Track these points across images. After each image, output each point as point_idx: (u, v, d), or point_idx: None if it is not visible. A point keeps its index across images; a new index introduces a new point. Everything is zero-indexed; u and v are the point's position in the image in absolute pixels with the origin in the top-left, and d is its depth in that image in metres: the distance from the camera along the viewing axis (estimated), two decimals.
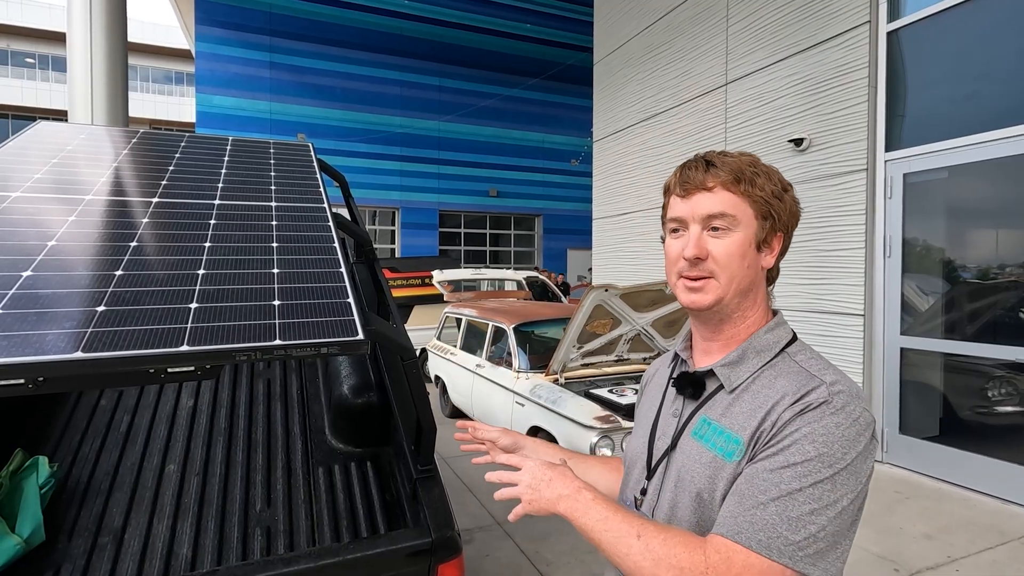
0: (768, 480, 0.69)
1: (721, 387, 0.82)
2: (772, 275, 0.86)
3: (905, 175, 4.21)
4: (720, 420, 0.79)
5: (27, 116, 27.12)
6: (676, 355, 0.94)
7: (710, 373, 0.84)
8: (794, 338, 0.84)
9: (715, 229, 0.79)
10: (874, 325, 4.35)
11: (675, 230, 0.84)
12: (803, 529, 0.66)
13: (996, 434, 3.71)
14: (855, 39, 4.44)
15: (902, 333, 4.19)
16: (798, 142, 4.83)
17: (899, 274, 4.22)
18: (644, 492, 0.87)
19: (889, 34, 4.32)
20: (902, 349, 4.19)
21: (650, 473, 0.87)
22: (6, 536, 1.35)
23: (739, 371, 0.81)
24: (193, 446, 1.78)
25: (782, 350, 0.82)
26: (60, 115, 26.62)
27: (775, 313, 0.87)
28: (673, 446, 0.84)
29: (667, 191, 0.87)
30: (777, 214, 0.80)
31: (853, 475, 0.69)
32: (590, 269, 15.98)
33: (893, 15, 4.32)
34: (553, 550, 3.12)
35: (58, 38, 26.29)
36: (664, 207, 0.88)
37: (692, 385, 0.85)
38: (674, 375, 0.92)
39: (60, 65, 27.08)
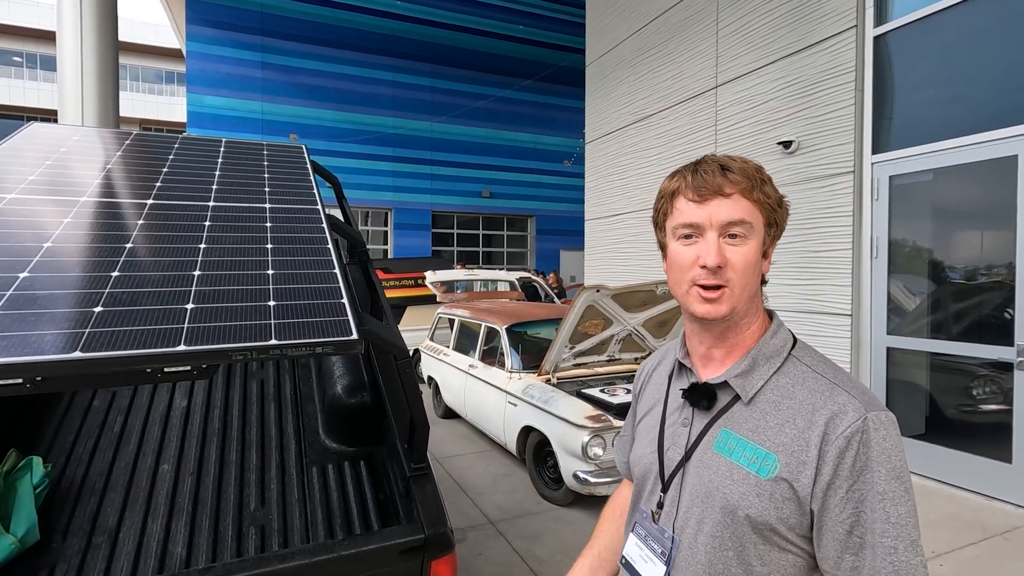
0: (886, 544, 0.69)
1: (737, 398, 0.81)
2: (764, 279, 0.86)
3: (891, 177, 4.27)
4: (749, 436, 0.77)
5: (15, 115, 26.83)
6: (677, 362, 0.92)
7: (723, 384, 0.82)
8: (795, 339, 0.84)
9: (732, 236, 0.77)
10: (861, 325, 4.41)
11: (687, 236, 0.79)
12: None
13: (980, 432, 3.78)
14: (842, 43, 4.51)
15: (888, 333, 4.26)
16: (787, 144, 4.89)
17: (885, 275, 4.28)
18: (661, 506, 0.85)
19: (876, 38, 4.39)
20: (888, 348, 4.25)
21: (665, 486, 0.85)
22: (1, 536, 1.36)
23: (752, 380, 0.80)
24: (187, 446, 1.78)
25: (789, 354, 0.81)
26: (48, 114, 26.36)
27: (771, 314, 0.86)
28: (687, 457, 0.83)
29: (672, 195, 0.82)
30: (779, 222, 0.81)
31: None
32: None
33: (880, 20, 4.39)
34: (545, 548, 3.14)
35: (46, 36, 26.03)
36: (663, 212, 0.84)
37: (706, 397, 0.83)
38: (676, 383, 0.90)
39: (48, 64, 26.82)
